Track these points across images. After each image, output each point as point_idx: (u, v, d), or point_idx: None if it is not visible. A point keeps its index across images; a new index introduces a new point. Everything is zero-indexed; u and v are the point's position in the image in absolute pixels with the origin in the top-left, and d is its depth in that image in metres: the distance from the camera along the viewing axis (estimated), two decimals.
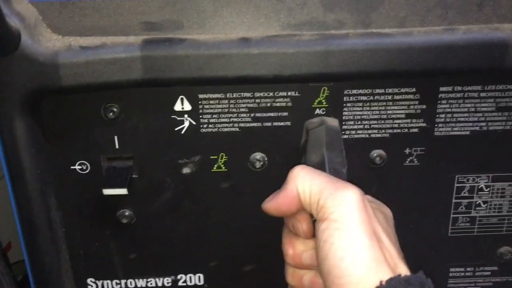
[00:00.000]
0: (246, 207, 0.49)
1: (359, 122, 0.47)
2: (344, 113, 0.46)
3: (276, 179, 0.48)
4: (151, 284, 0.52)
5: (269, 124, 0.46)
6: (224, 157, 0.47)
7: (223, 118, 0.46)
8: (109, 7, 0.42)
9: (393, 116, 0.46)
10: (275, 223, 0.50)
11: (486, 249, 0.52)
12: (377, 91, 0.45)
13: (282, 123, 0.46)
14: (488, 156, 0.48)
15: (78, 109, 0.45)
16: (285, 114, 0.46)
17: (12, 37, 0.38)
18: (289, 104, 0.46)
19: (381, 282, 0.33)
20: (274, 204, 0.41)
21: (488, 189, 0.50)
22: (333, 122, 0.45)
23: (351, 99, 0.46)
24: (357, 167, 0.47)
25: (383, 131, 0.47)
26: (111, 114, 0.45)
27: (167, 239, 0.50)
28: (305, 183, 0.38)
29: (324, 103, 0.46)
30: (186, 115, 0.46)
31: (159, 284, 0.52)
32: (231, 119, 0.46)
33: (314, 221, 0.38)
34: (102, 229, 0.50)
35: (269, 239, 0.50)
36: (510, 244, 0.52)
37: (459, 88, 0.46)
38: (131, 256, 0.51)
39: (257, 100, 0.46)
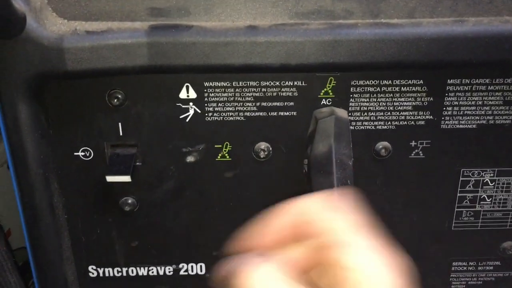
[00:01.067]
0: (250, 196, 0.49)
1: (365, 114, 0.46)
2: (350, 104, 0.46)
3: (280, 169, 0.48)
4: (152, 272, 0.52)
5: (274, 113, 0.46)
6: (229, 146, 0.47)
7: (228, 106, 0.46)
8: None
9: (400, 108, 0.46)
10: None
11: (490, 244, 0.52)
12: (384, 82, 0.45)
13: (287, 113, 0.46)
14: (494, 150, 0.48)
15: (82, 94, 0.44)
16: (291, 104, 0.46)
17: (17, 20, 0.38)
18: (295, 94, 0.45)
19: None
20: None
21: (493, 183, 0.49)
22: (342, 113, 0.45)
23: (358, 90, 0.45)
24: (362, 158, 0.47)
25: (389, 123, 0.47)
26: (115, 100, 0.45)
27: (169, 228, 0.50)
28: None
29: (331, 93, 0.45)
30: (191, 103, 0.45)
31: (161, 272, 0.52)
32: (237, 108, 0.46)
33: None
34: (105, 217, 0.49)
35: None
36: None
37: (467, 81, 0.45)
38: (133, 244, 0.51)
39: (263, 89, 0.45)
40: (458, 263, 0.53)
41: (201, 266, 0.52)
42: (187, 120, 0.46)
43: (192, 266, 0.52)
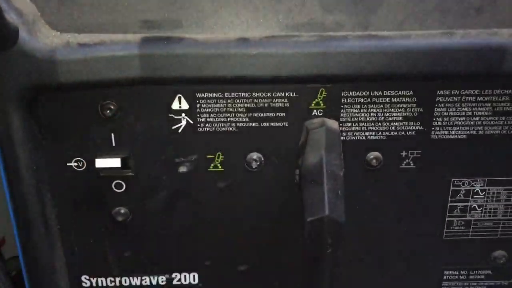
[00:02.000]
0: (242, 206, 0.49)
1: (356, 124, 0.47)
2: (341, 115, 0.46)
3: (272, 179, 0.48)
4: (145, 282, 0.52)
5: (266, 124, 0.46)
6: (221, 156, 0.47)
7: (220, 117, 0.46)
8: (108, 4, 0.42)
9: (390, 118, 0.47)
10: (270, 223, 0.50)
11: (481, 253, 0.53)
12: (375, 93, 0.46)
13: (279, 124, 0.46)
14: (484, 160, 0.49)
15: (75, 106, 0.45)
16: (283, 114, 0.46)
17: (10, 33, 0.38)
18: (287, 104, 0.46)
19: None
20: None
21: (484, 193, 0.50)
22: (333, 124, 0.45)
23: (348, 101, 0.46)
24: (353, 169, 0.48)
25: (380, 133, 0.47)
26: (108, 111, 0.45)
27: (162, 238, 0.50)
28: None
29: (322, 104, 0.46)
30: (183, 114, 0.46)
31: (154, 282, 0.52)
32: (229, 119, 0.46)
33: None
34: (97, 227, 0.50)
35: (265, 239, 0.50)
36: (504, 248, 0.52)
37: (457, 91, 0.46)
38: (126, 254, 0.51)
39: (255, 100, 0.46)
40: (449, 272, 0.53)
41: (194, 275, 0.52)
42: (179, 131, 0.46)
43: (185, 276, 0.52)
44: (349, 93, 0.46)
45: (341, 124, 0.46)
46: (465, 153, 0.48)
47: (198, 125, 0.46)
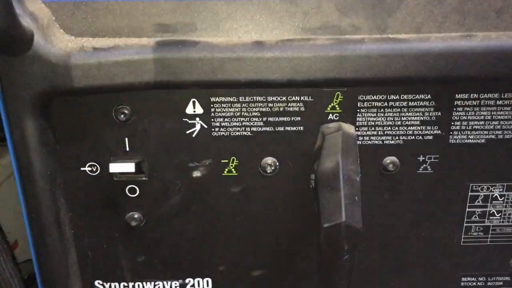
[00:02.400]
0: (256, 211, 0.49)
1: (372, 128, 0.46)
2: (358, 119, 0.45)
3: (287, 184, 0.47)
4: (158, 287, 0.52)
5: (281, 128, 0.46)
6: (235, 161, 0.47)
7: (235, 121, 0.46)
8: (122, 8, 0.42)
9: (408, 122, 0.46)
10: (285, 228, 0.49)
11: (499, 259, 0.52)
12: (392, 97, 0.45)
13: (294, 128, 0.46)
14: (503, 165, 0.48)
15: (89, 110, 0.45)
16: (298, 119, 0.45)
17: (25, 37, 0.38)
18: (302, 108, 0.45)
19: None
20: None
21: (503, 198, 0.49)
22: (349, 128, 0.45)
23: (365, 105, 0.45)
24: (370, 174, 0.47)
25: (397, 137, 0.46)
26: (122, 116, 0.45)
27: (176, 243, 0.50)
28: None
29: (338, 108, 0.45)
30: (197, 118, 0.45)
31: (167, 287, 0.52)
32: (243, 123, 0.46)
33: None
34: (111, 232, 0.49)
35: (278, 244, 0.50)
36: None
37: (476, 95, 0.45)
38: (139, 259, 0.51)
39: (270, 104, 0.45)
40: (467, 279, 0.52)
41: (207, 281, 0.52)
42: (193, 135, 0.46)
43: (198, 281, 0.52)
44: (365, 97, 0.45)
45: (357, 129, 0.46)
46: (484, 158, 0.47)
47: (213, 129, 0.46)
